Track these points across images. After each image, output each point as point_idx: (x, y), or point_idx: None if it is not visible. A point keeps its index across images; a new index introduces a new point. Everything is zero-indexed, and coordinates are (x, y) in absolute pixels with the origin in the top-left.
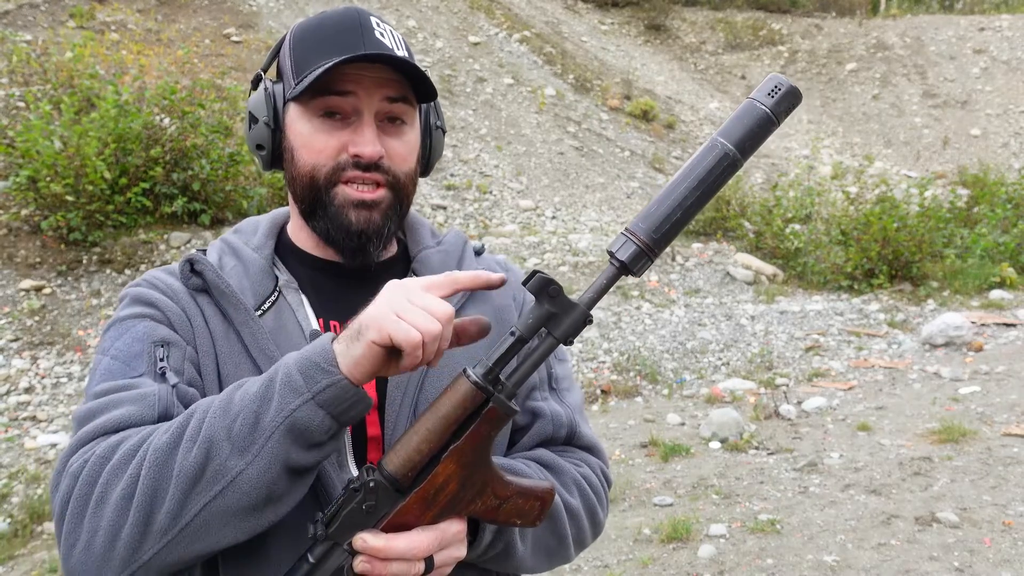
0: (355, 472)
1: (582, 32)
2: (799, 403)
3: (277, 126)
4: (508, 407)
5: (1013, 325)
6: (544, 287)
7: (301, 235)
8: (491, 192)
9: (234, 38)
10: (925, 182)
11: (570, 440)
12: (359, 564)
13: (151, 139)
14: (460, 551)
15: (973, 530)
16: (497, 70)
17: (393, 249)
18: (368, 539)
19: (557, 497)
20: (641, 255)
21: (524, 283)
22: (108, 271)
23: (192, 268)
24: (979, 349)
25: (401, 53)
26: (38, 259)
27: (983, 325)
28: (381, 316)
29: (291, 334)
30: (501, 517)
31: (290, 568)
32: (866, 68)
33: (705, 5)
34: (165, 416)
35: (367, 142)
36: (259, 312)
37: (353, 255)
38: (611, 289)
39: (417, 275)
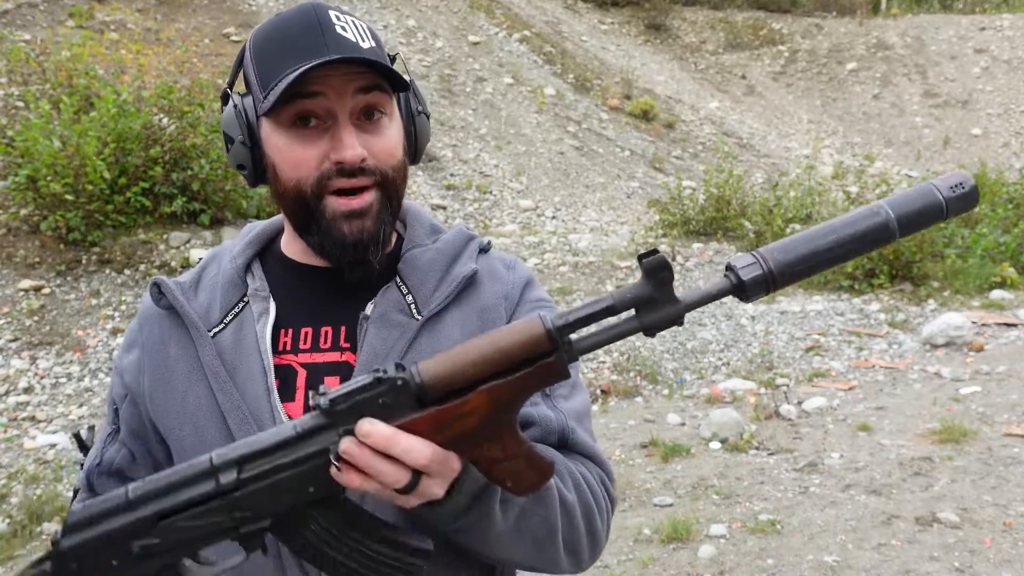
0: None
1: (582, 32)
2: (799, 403)
3: (254, 143)
4: (566, 369)
5: (1014, 325)
6: (658, 269)
7: (292, 244)
8: (491, 192)
9: (234, 38)
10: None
11: (562, 447)
12: (347, 443)
13: (150, 139)
14: (440, 490)
15: (974, 530)
16: (497, 70)
17: (390, 245)
18: (376, 424)
19: (552, 482)
20: (762, 281)
21: (641, 257)
22: (107, 271)
23: (160, 290)
24: (980, 349)
25: (367, 44)
26: (37, 259)
27: (984, 325)
28: None
29: (247, 348)
30: (496, 473)
31: (273, 433)
32: (866, 68)
33: (705, 5)
34: (91, 488)
35: (347, 146)
36: (221, 325)
37: (352, 268)
38: (713, 301)
39: (402, 276)
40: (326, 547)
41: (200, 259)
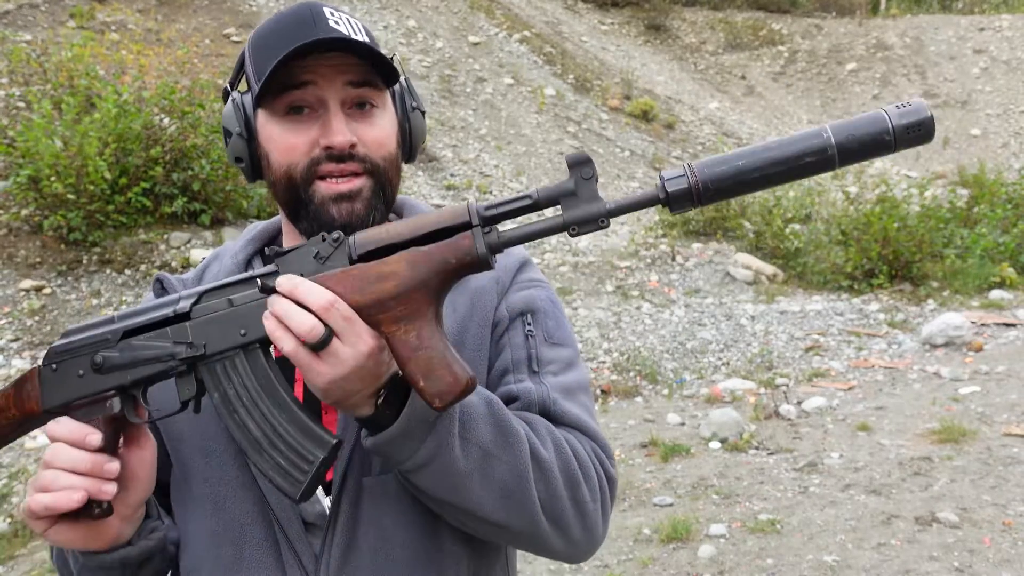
0: None
1: (582, 32)
2: (799, 403)
3: (251, 136)
4: (482, 248)
5: (1013, 325)
6: (579, 164)
7: (290, 240)
8: (491, 192)
9: (234, 38)
10: (925, 182)
11: (545, 418)
12: (271, 297)
13: (151, 139)
14: (351, 360)
15: (973, 530)
16: (497, 70)
17: None
18: (291, 276)
19: (524, 435)
20: (688, 193)
21: (568, 155)
22: (108, 271)
23: (162, 286)
24: (979, 349)
25: (360, 37)
26: (38, 259)
27: (983, 325)
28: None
29: None
30: (410, 364)
31: (232, 277)
32: (866, 68)
33: (705, 5)
34: None
35: (336, 132)
36: None
37: None
38: (641, 210)
39: None
40: (240, 405)
41: (203, 259)
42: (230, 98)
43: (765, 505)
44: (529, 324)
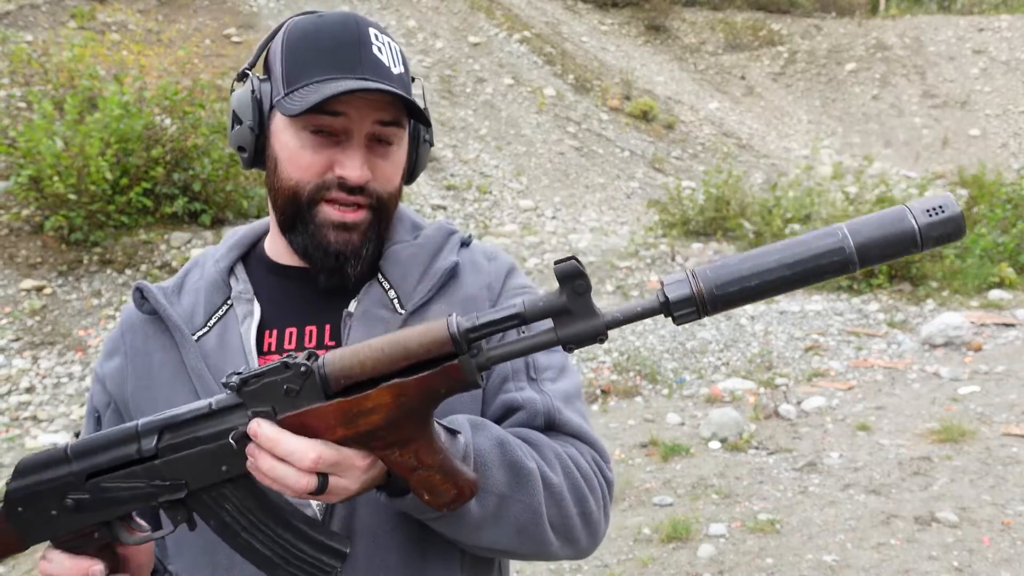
0: None
1: (582, 32)
2: (799, 403)
3: (261, 131)
4: (472, 375)
5: (1012, 325)
6: (571, 278)
7: (275, 245)
8: (491, 192)
9: (234, 38)
10: (924, 182)
11: (550, 429)
12: (250, 448)
13: (152, 139)
14: (353, 485)
15: (972, 530)
16: (497, 70)
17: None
18: (263, 425)
19: (535, 468)
20: (690, 304)
21: (556, 263)
22: (109, 271)
23: (142, 295)
24: (978, 349)
25: (398, 69)
26: (39, 259)
27: (982, 325)
28: None
29: (232, 349)
30: (413, 481)
31: (192, 407)
32: (866, 68)
33: (705, 5)
34: None
35: (355, 167)
36: (205, 328)
37: (330, 274)
38: (639, 321)
39: (384, 272)
40: (241, 530)
41: (184, 265)
42: (248, 83)
43: (765, 505)
44: (523, 332)
